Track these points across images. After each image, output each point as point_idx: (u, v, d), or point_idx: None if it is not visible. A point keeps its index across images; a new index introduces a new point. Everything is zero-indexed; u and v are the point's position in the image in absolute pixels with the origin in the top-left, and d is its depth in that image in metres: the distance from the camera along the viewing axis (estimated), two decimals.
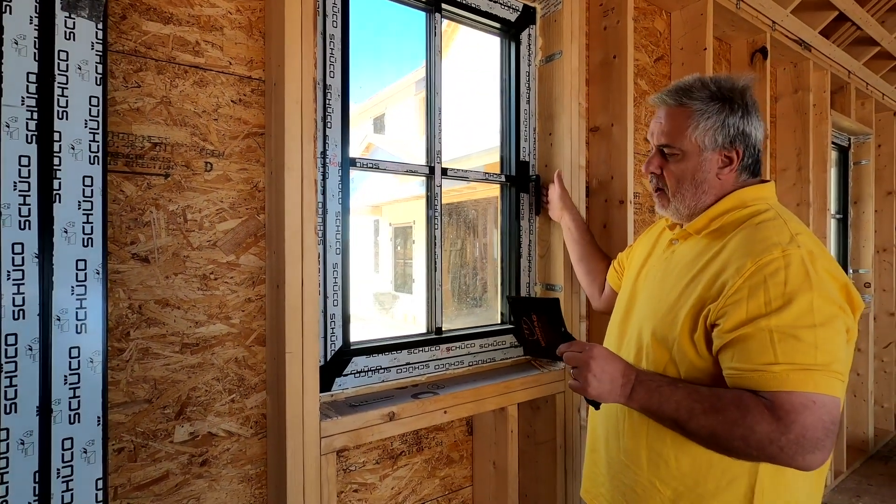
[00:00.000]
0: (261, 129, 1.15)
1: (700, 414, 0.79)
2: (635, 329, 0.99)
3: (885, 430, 3.79)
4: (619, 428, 0.97)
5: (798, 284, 0.77)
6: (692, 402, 0.80)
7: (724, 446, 0.79)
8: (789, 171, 2.77)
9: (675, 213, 1.00)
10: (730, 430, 0.76)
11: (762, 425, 0.74)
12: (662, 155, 0.97)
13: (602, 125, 1.77)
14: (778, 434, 0.73)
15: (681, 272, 0.93)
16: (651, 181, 1.02)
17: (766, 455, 0.75)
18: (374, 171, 1.32)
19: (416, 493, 1.46)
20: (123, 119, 1.00)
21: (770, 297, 0.77)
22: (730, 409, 0.76)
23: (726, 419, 0.76)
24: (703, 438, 0.80)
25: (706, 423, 0.78)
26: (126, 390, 1.00)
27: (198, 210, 1.08)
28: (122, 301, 1.00)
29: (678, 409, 0.81)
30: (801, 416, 0.73)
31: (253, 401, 1.14)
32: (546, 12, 1.64)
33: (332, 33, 1.22)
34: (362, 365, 1.28)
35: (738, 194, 0.94)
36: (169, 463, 1.05)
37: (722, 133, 0.92)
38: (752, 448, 0.75)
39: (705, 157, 0.93)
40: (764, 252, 0.80)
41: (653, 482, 0.91)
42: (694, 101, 0.93)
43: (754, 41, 2.40)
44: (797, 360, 0.74)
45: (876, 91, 3.42)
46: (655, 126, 0.98)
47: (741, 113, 0.92)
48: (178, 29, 1.06)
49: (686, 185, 0.95)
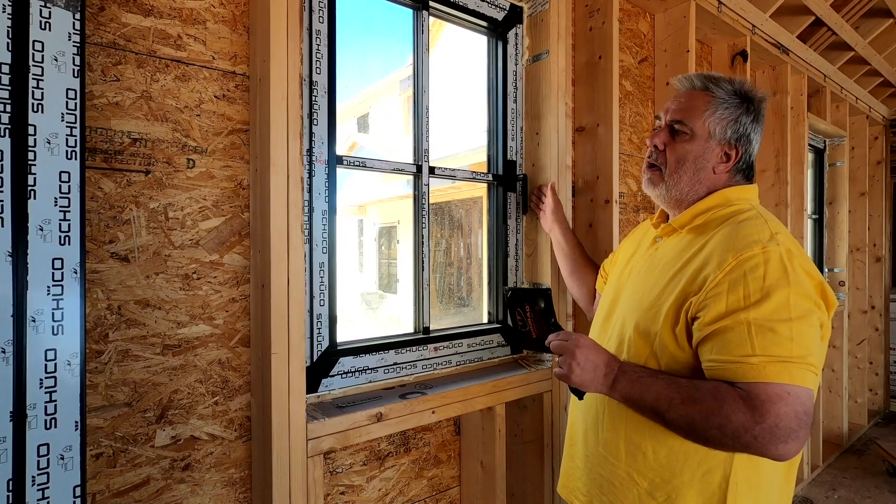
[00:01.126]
0: (245, 126, 1.13)
1: (679, 404, 0.81)
2: (618, 322, 1.00)
3: (858, 424, 3.90)
4: (598, 420, 0.98)
5: (776, 280, 0.79)
6: (671, 393, 0.82)
7: (701, 435, 0.81)
8: (768, 173, 2.83)
9: (662, 195, 1.00)
10: (707, 419, 0.78)
11: (738, 415, 0.76)
12: (671, 131, 0.98)
13: (588, 125, 1.79)
14: (752, 423, 0.75)
15: (664, 267, 0.95)
16: (650, 155, 1.01)
17: (741, 444, 0.77)
18: (362, 169, 1.31)
19: (403, 493, 1.44)
20: (102, 114, 0.97)
21: (749, 290, 0.80)
22: (707, 400, 0.78)
23: (704, 409, 0.78)
24: (681, 428, 0.82)
25: (685, 412, 0.80)
26: (105, 394, 0.97)
27: (180, 208, 1.05)
28: (100, 301, 0.96)
29: (658, 399, 0.83)
30: (775, 406, 0.75)
31: (237, 403, 1.12)
32: (533, 12, 1.64)
33: (318, 29, 1.20)
34: (349, 365, 1.26)
35: (724, 193, 0.96)
36: (150, 468, 1.02)
37: (732, 128, 0.95)
38: (728, 437, 0.77)
39: (710, 146, 0.96)
40: (745, 248, 0.82)
41: (630, 474, 0.92)
42: (719, 89, 0.96)
43: (735, 44, 2.44)
44: (773, 352, 0.77)
45: (850, 95, 3.52)
46: (673, 103, 0.99)
47: (753, 117, 0.96)
48: (158, 21, 1.03)
49: (685, 166, 0.96)
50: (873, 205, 4.05)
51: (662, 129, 1.00)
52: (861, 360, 3.96)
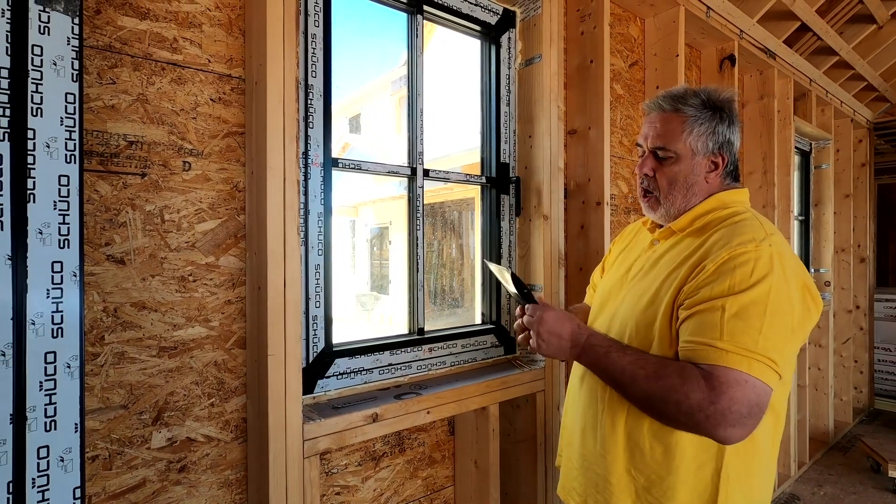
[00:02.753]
0: (241, 129, 1.14)
1: (642, 379, 0.85)
2: (615, 325, 1.02)
3: (843, 422, 3.97)
4: (597, 419, 1.00)
5: (761, 276, 0.83)
6: (636, 368, 0.86)
7: (657, 409, 0.85)
8: (755, 175, 2.88)
9: (664, 216, 1.03)
10: (667, 394, 0.82)
11: (696, 393, 0.79)
12: (656, 157, 1.01)
13: (579, 128, 1.81)
14: (707, 403, 0.78)
15: (662, 267, 0.98)
16: (642, 183, 1.04)
17: (693, 422, 0.81)
18: (357, 171, 1.32)
19: (398, 493, 1.45)
20: (98, 116, 0.97)
21: (735, 282, 0.83)
22: (671, 377, 0.82)
23: (665, 385, 0.82)
24: (639, 401, 0.87)
25: (646, 387, 0.84)
26: (101, 396, 0.97)
27: (176, 210, 1.06)
28: (96, 304, 0.97)
29: (622, 373, 0.87)
30: (731, 389, 0.78)
31: (233, 405, 1.12)
32: (525, 16, 1.66)
33: (314, 33, 1.21)
34: (345, 366, 1.27)
35: (720, 196, 1.00)
36: (146, 470, 1.02)
37: (712, 139, 0.98)
38: (682, 414, 0.81)
39: (696, 161, 0.99)
40: (739, 245, 0.86)
41: (628, 469, 0.94)
42: (688, 107, 0.98)
43: (723, 49, 2.48)
44: (740, 340, 0.80)
45: (835, 98, 3.59)
46: (650, 129, 1.02)
47: (727, 122, 0.99)
48: (154, 25, 1.04)
49: (678, 186, 0.99)
50: (858, 206, 4.13)
51: (647, 157, 1.02)
52: (846, 359, 4.04)
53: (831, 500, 2.89)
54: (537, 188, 1.63)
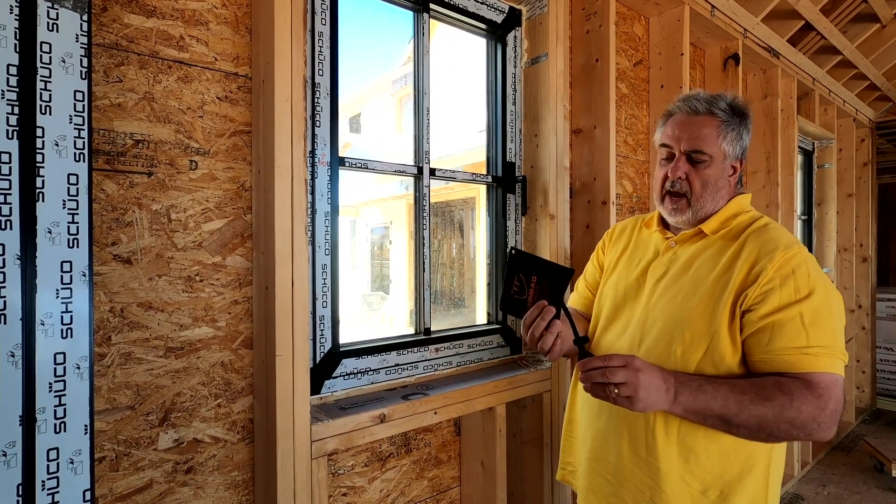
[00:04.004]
0: (247, 128, 1.13)
1: (750, 404, 0.82)
2: (652, 329, 0.98)
3: (847, 422, 3.97)
4: (643, 429, 0.96)
5: (816, 277, 0.88)
6: (739, 395, 0.83)
7: (768, 431, 0.83)
8: (759, 174, 2.87)
9: (688, 219, 1.02)
10: (780, 413, 0.81)
11: (807, 405, 0.81)
12: (689, 160, 1.00)
13: (585, 127, 1.80)
14: (819, 410, 0.82)
15: (703, 269, 0.96)
16: (673, 185, 1.01)
17: (805, 433, 0.83)
18: (364, 170, 1.31)
19: (404, 494, 1.45)
20: (104, 115, 0.96)
21: (798, 285, 0.87)
22: (777, 395, 0.82)
23: (776, 404, 0.82)
24: (749, 428, 0.84)
25: (757, 412, 0.82)
26: (108, 397, 0.96)
27: (182, 210, 1.05)
28: (103, 304, 0.96)
29: (726, 403, 0.83)
30: (832, 391, 0.83)
31: (240, 405, 1.12)
32: (531, 15, 1.65)
33: (321, 31, 1.20)
34: (351, 367, 1.26)
35: (737, 201, 1.03)
36: (153, 471, 1.01)
37: (738, 144, 1.01)
38: (797, 428, 0.82)
39: (725, 165, 1.01)
40: (787, 248, 0.90)
41: (683, 477, 0.92)
42: (720, 111, 0.99)
43: (727, 48, 2.48)
44: (824, 342, 0.84)
45: (837, 98, 3.59)
46: (683, 132, 1.00)
47: (748, 130, 1.02)
48: (161, 23, 1.03)
49: (710, 189, 1.00)
50: (860, 206, 4.13)
51: (680, 159, 1.00)
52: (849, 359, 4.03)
53: (835, 499, 2.88)
54: (543, 187, 1.63)
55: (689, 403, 0.85)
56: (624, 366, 0.82)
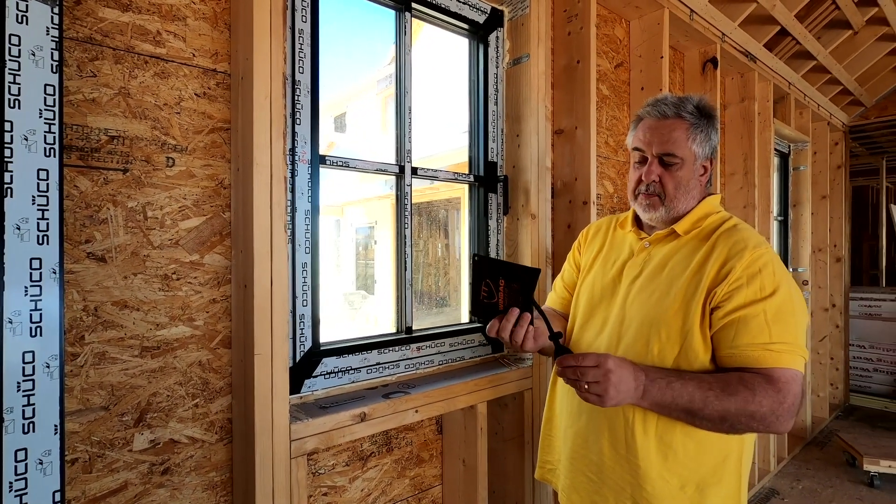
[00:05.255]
0: (226, 125, 1.12)
1: (714, 399, 0.86)
2: (629, 328, 1.00)
3: (821, 417, 4.07)
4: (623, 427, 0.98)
5: (781, 277, 0.92)
6: (705, 391, 0.87)
7: (730, 424, 0.87)
8: (737, 176, 2.93)
9: (661, 217, 1.05)
10: (743, 408, 0.85)
11: (768, 399, 0.85)
12: (661, 163, 1.03)
13: (566, 128, 1.82)
14: (778, 404, 0.85)
15: (676, 269, 0.99)
16: (647, 188, 1.04)
17: (764, 425, 0.86)
18: (345, 169, 1.31)
19: (385, 493, 1.45)
20: (77, 110, 0.95)
21: (764, 284, 0.90)
22: (741, 390, 0.85)
23: (739, 399, 0.85)
24: (712, 421, 0.87)
25: (721, 406, 0.85)
26: (80, 397, 0.95)
27: (159, 207, 1.04)
28: (76, 303, 0.94)
29: (692, 399, 0.87)
30: (791, 386, 0.87)
31: (218, 405, 1.10)
32: (513, 16, 1.67)
33: (301, 28, 1.19)
34: (332, 366, 1.26)
35: (708, 201, 1.06)
36: (127, 473, 1.00)
37: (707, 145, 1.04)
38: (756, 420, 0.85)
39: (696, 166, 1.04)
40: (755, 248, 0.94)
41: (661, 474, 0.95)
42: (688, 114, 1.02)
43: (705, 51, 2.53)
44: (786, 339, 0.88)
45: (812, 102, 3.68)
46: (653, 136, 1.03)
47: (716, 130, 1.05)
48: (137, 17, 1.01)
49: (681, 190, 1.03)
50: (834, 207, 4.24)
51: (653, 163, 1.04)
52: (823, 356, 4.14)
53: (809, 493, 2.96)
54: (525, 187, 1.64)
55: (656, 398, 0.89)
56: (596, 366, 0.85)
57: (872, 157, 5.41)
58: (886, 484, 3.01)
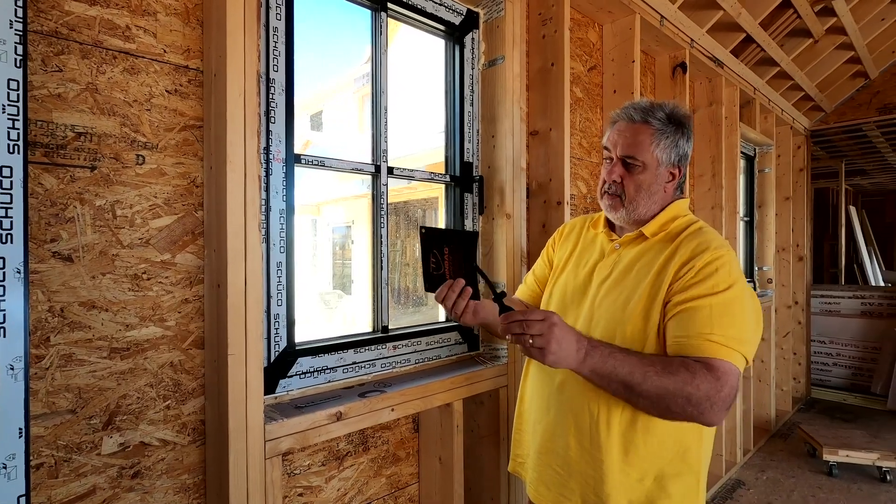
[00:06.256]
0: (199, 122, 1.10)
1: (654, 375, 0.88)
2: (597, 328, 1.03)
3: (784, 410, 4.23)
4: (588, 423, 1.01)
5: (735, 277, 0.95)
6: (646, 366, 0.89)
7: (666, 404, 0.88)
8: (705, 178, 3.03)
9: (623, 217, 1.09)
10: (681, 388, 0.87)
11: (705, 384, 0.87)
12: (624, 165, 1.07)
13: (541, 129, 1.85)
14: (714, 392, 0.87)
15: (642, 272, 1.03)
16: (609, 188, 1.09)
17: (698, 412, 0.87)
18: (320, 168, 1.30)
19: (362, 493, 1.45)
20: (42, 106, 0.92)
21: (717, 282, 0.94)
22: (681, 371, 0.88)
23: (678, 379, 0.87)
24: (649, 398, 0.88)
25: (659, 383, 0.87)
26: (46, 401, 0.92)
27: (128, 205, 1.01)
28: (40, 304, 0.91)
29: (633, 371, 0.88)
30: (728, 377, 0.89)
31: (190, 406, 1.09)
32: (489, 18, 1.69)
33: (275, 26, 1.19)
34: (308, 365, 1.25)
35: (675, 206, 1.09)
36: (96, 477, 0.98)
37: (674, 152, 1.06)
38: (692, 404, 0.87)
39: (660, 171, 1.06)
40: (715, 249, 0.98)
41: (622, 469, 0.98)
42: (656, 120, 1.05)
43: (675, 56, 2.60)
44: (730, 335, 0.91)
45: (776, 107, 3.82)
46: (620, 138, 1.07)
47: (686, 137, 1.08)
48: (105, 11, 0.99)
49: (642, 193, 1.06)
50: (796, 208, 4.41)
51: (616, 164, 1.07)
52: (786, 352, 4.30)
53: (773, 483, 3.08)
54: (500, 187, 1.66)
55: (597, 366, 0.89)
56: (542, 319, 0.87)
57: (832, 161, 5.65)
58: (844, 472, 3.16)
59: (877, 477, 3.09)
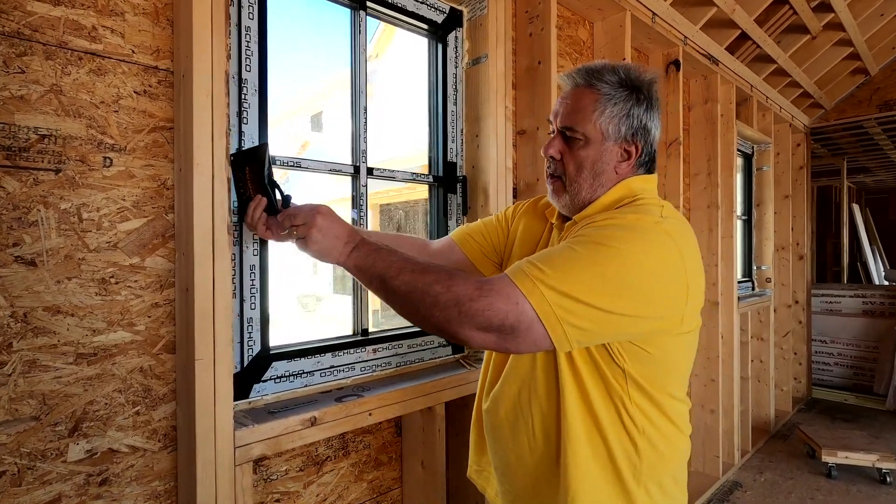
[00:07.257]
0: (170, 123, 1.08)
1: (408, 272, 0.80)
2: None
3: (784, 411, 4.19)
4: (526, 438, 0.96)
5: (628, 243, 0.76)
6: (405, 264, 0.81)
7: (413, 302, 0.78)
8: (700, 176, 2.99)
9: (567, 205, 0.93)
10: (429, 286, 0.76)
11: (462, 288, 0.74)
12: (565, 138, 0.90)
13: (528, 129, 1.83)
14: (466, 299, 0.73)
15: None
16: (548, 166, 0.94)
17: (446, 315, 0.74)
18: (296, 169, 1.28)
19: (342, 498, 1.43)
20: (4, 108, 0.91)
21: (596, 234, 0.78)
22: (440, 273, 0.78)
23: (430, 278, 0.77)
24: (400, 294, 0.80)
25: (411, 278, 0.78)
26: (8, 407, 0.91)
27: (95, 209, 1.00)
28: (2, 309, 0.90)
29: (389, 267, 0.82)
30: (495, 296, 0.72)
31: (161, 412, 1.07)
32: (472, 16, 1.66)
33: (248, 25, 1.17)
34: (283, 370, 1.24)
35: (627, 183, 0.90)
36: (61, 485, 0.96)
37: (626, 123, 0.87)
38: (440, 308, 0.74)
39: (607, 147, 0.88)
40: (631, 217, 0.82)
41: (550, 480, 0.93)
42: (603, 83, 0.87)
43: (668, 54, 2.57)
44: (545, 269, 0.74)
45: (774, 104, 3.78)
46: (560, 106, 0.91)
47: (646, 106, 0.89)
48: (70, 11, 0.97)
49: (585, 173, 0.89)
50: (796, 207, 4.36)
51: (556, 137, 0.92)
52: (786, 351, 4.25)
53: (771, 485, 3.04)
54: (484, 187, 1.64)
55: (359, 260, 0.86)
56: (310, 210, 0.85)
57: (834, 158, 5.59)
58: (843, 474, 3.12)
59: (876, 478, 3.05)
